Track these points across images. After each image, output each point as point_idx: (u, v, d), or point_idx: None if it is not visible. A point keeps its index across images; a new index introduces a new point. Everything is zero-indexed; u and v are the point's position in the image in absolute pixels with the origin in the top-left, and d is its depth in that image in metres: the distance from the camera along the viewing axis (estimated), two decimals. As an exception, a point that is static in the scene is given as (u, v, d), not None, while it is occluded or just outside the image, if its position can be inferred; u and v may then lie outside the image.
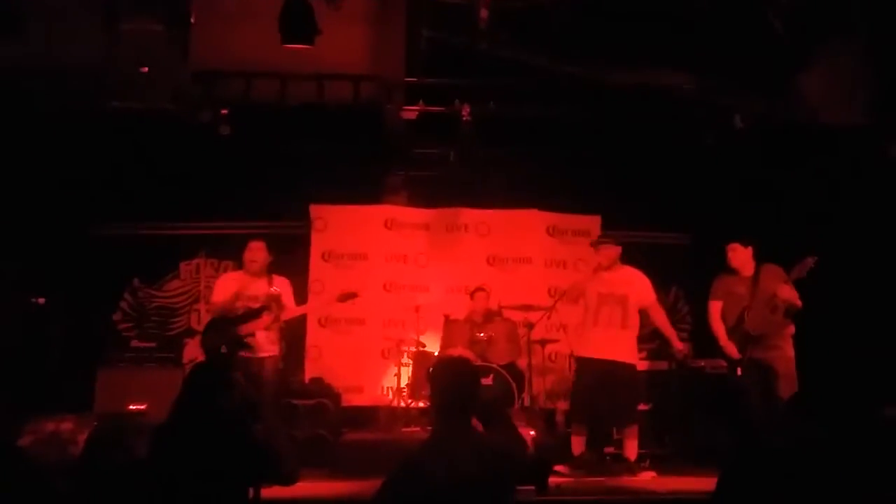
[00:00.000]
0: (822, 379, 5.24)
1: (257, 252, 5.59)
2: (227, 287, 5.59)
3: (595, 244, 5.96)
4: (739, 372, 5.67)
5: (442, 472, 2.56)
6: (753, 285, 5.57)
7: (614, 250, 5.80)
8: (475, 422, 2.88)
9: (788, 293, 5.37)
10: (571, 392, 5.98)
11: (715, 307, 5.76)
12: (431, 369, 3.17)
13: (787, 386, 5.25)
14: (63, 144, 6.75)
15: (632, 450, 5.69)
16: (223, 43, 5.99)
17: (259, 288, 5.53)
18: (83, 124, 6.63)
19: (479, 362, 6.33)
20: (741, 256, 5.66)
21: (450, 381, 2.82)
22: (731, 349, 5.61)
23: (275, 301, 5.49)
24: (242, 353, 5.31)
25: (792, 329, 5.54)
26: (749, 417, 5.45)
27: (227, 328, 5.33)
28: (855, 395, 2.55)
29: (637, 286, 5.77)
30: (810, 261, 5.26)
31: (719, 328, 5.71)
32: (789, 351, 5.49)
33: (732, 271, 5.72)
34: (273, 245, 5.83)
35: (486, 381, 6.20)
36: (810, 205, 6.66)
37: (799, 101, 5.58)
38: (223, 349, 5.26)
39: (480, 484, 2.58)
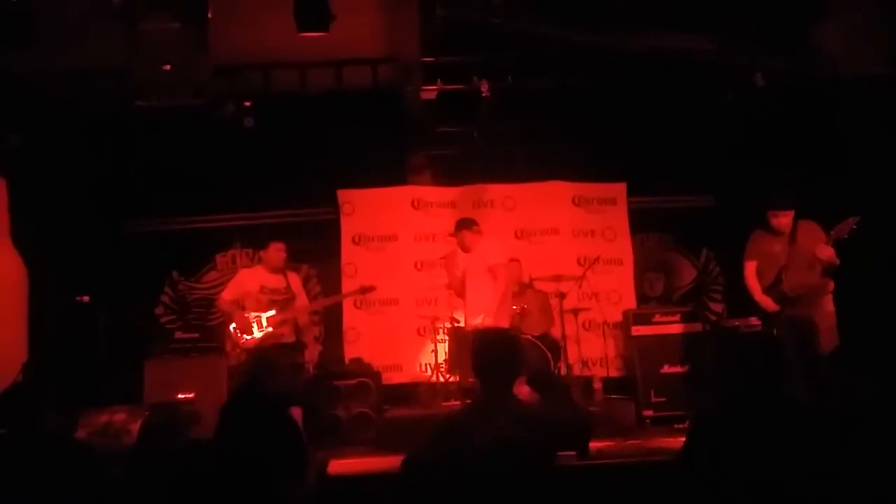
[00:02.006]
0: (863, 335, 5.23)
1: (279, 252, 6.12)
2: (247, 283, 6.07)
3: None
4: (775, 331, 5.64)
5: (481, 437, 2.65)
6: (790, 244, 5.46)
7: None
8: (530, 391, 2.98)
9: (828, 254, 5.23)
10: None
11: (750, 267, 5.67)
12: (473, 340, 3.26)
13: (828, 342, 5.21)
14: (92, 146, 6.92)
15: None
16: (241, 36, 6.08)
17: (278, 282, 6.04)
18: (110, 125, 6.79)
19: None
20: (785, 220, 5.51)
21: (491, 351, 2.93)
22: (767, 302, 5.52)
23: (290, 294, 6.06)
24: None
25: (832, 286, 5.43)
26: (783, 373, 5.42)
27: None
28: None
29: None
30: (852, 221, 5.13)
31: (755, 285, 5.62)
32: (829, 306, 5.40)
33: (769, 229, 5.58)
34: (304, 232, 6.08)
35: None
36: (836, 159, 6.60)
37: (819, 54, 5.51)
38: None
39: (519, 449, 2.66)
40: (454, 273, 6.00)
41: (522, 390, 3.01)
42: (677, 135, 7.34)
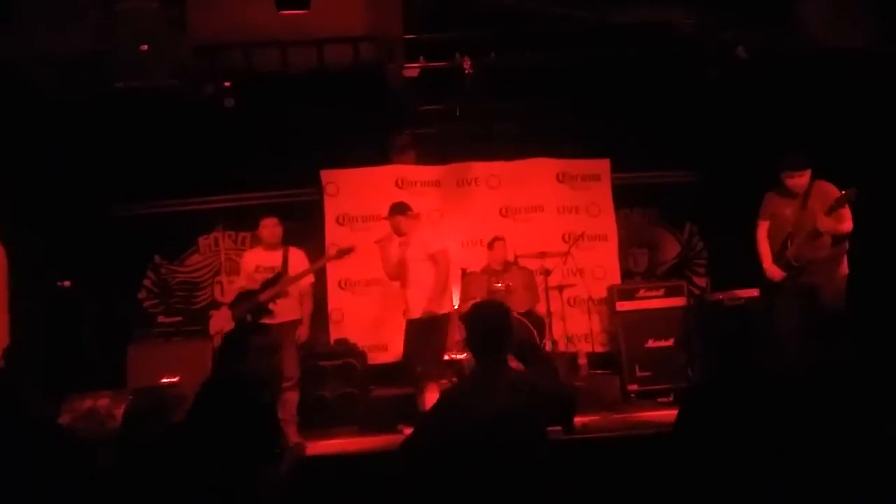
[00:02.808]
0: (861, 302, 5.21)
1: (272, 228, 5.89)
2: (247, 265, 5.93)
3: None
4: (778, 299, 5.53)
5: (480, 405, 2.73)
6: (801, 209, 5.32)
7: None
8: (514, 362, 3.03)
9: (828, 225, 5.15)
10: None
11: (762, 227, 5.55)
12: (466, 314, 3.30)
13: (837, 307, 5.03)
14: (71, 130, 6.83)
15: None
16: (220, 15, 5.99)
17: (275, 259, 5.82)
18: (89, 108, 6.70)
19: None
20: (801, 182, 5.34)
21: (484, 323, 3.00)
22: (774, 272, 5.41)
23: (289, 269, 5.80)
24: (265, 320, 5.57)
25: (843, 248, 5.27)
26: (755, 347, 5.43)
27: (249, 298, 5.68)
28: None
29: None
30: (852, 193, 5.06)
31: (765, 250, 5.50)
32: (838, 270, 5.23)
33: (783, 190, 5.42)
34: (288, 213, 5.99)
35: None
36: (820, 131, 6.61)
37: (801, 27, 5.50)
38: (247, 318, 5.53)
39: (518, 416, 2.74)
40: (389, 258, 5.97)
41: (511, 364, 3.06)
42: (661, 110, 7.34)
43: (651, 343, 6.84)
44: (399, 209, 5.97)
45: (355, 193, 7.67)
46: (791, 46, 6.00)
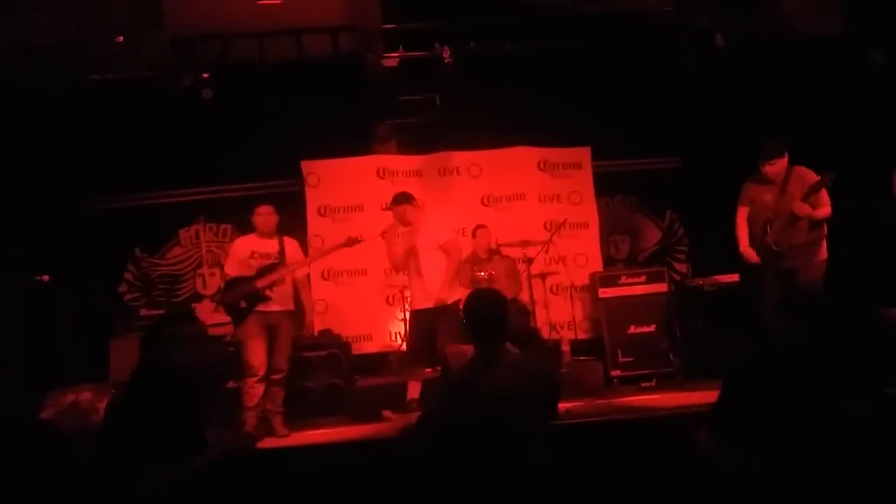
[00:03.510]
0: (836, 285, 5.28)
1: (268, 216, 5.75)
2: (240, 251, 5.73)
3: None
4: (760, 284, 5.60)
5: (486, 388, 2.80)
6: (780, 195, 5.39)
7: None
8: (511, 346, 3.12)
9: (805, 209, 5.24)
10: None
11: (742, 213, 5.63)
12: (465, 301, 3.38)
13: (811, 292, 5.15)
14: (48, 123, 6.75)
15: None
16: (196, 6, 5.96)
17: (271, 247, 5.70)
18: (66, 101, 6.62)
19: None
20: (778, 168, 5.43)
21: (483, 308, 3.10)
22: (750, 254, 5.51)
23: (286, 258, 5.69)
24: (261, 307, 5.49)
25: (822, 233, 5.37)
26: (757, 327, 5.49)
27: (242, 284, 5.55)
28: (858, 298, 2.61)
29: None
30: (827, 178, 5.15)
31: (742, 235, 5.59)
32: (816, 256, 5.33)
33: (761, 178, 5.50)
34: (269, 205, 5.93)
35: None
36: (798, 115, 6.68)
37: (777, 13, 5.54)
38: (242, 304, 5.46)
39: (523, 398, 2.85)
40: (395, 249, 5.91)
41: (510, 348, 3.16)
42: (641, 98, 7.37)
43: (633, 329, 6.89)
44: (405, 199, 5.87)
45: (337, 184, 7.64)
46: (768, 32, 6.04)
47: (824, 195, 5.31)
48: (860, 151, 6.32)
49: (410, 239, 5.81)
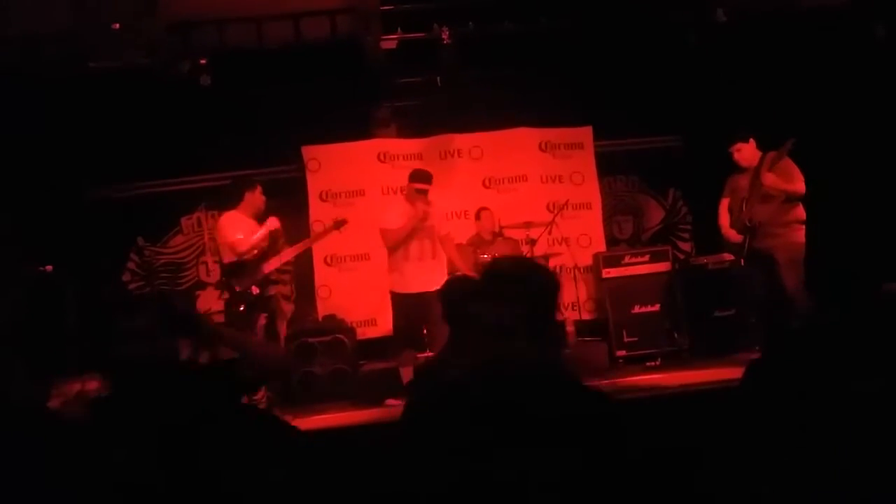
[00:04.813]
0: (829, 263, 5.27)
1: (261, 196, 5.66)
2: (237, 226, 5.50)
3: None
4: (742, 262, 5.73)
5: (452, 375, 2.75)
6: (755, 177, 5.54)
7: None
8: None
9: (771, 180, 5.34)
10: None
11: (723, 204, 5.81)
12: (442, 289, 3.35)
13: (790, 274, 5.24)
14: (47, 112, 6.71)
15: None
16: (192, -9, 5.90)
17: (264, 228, 5.56)
18: (63, 89, 6.58)
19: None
20: (746, 153, 5.61)
21: (460, 296, 3.01)
22: (731, 234, 5.67)
23: (278, 237, 5.60)
24: (271, 290, 5.51)
25: (798, 215, 5.45)
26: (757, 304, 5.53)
27: (248, 270, 5.40)
28: (857, 276, 2.57)
29: None
30: (789, 143, 5.24)
31: (723, 221, 5.77)
32: (793, 237, 5.41)
33: (741, 169, 5.69)
34: (271, 190, 5.89)
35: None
36: (802, 91, 6.63)
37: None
38: (254, 290, 5.37)
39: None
40: (418, 217, 5.64)
41: None
42: (642, 76, 7.31)
43: (637, 309, 6.89)
44: (428, 178, 5.74)
45: (337, 169, 7.61)
46: (770, 7, 5.98)
47: (796, 170, 5.41)
48: (864, 126, 6.28)
49: (433, 227, 5.76)
